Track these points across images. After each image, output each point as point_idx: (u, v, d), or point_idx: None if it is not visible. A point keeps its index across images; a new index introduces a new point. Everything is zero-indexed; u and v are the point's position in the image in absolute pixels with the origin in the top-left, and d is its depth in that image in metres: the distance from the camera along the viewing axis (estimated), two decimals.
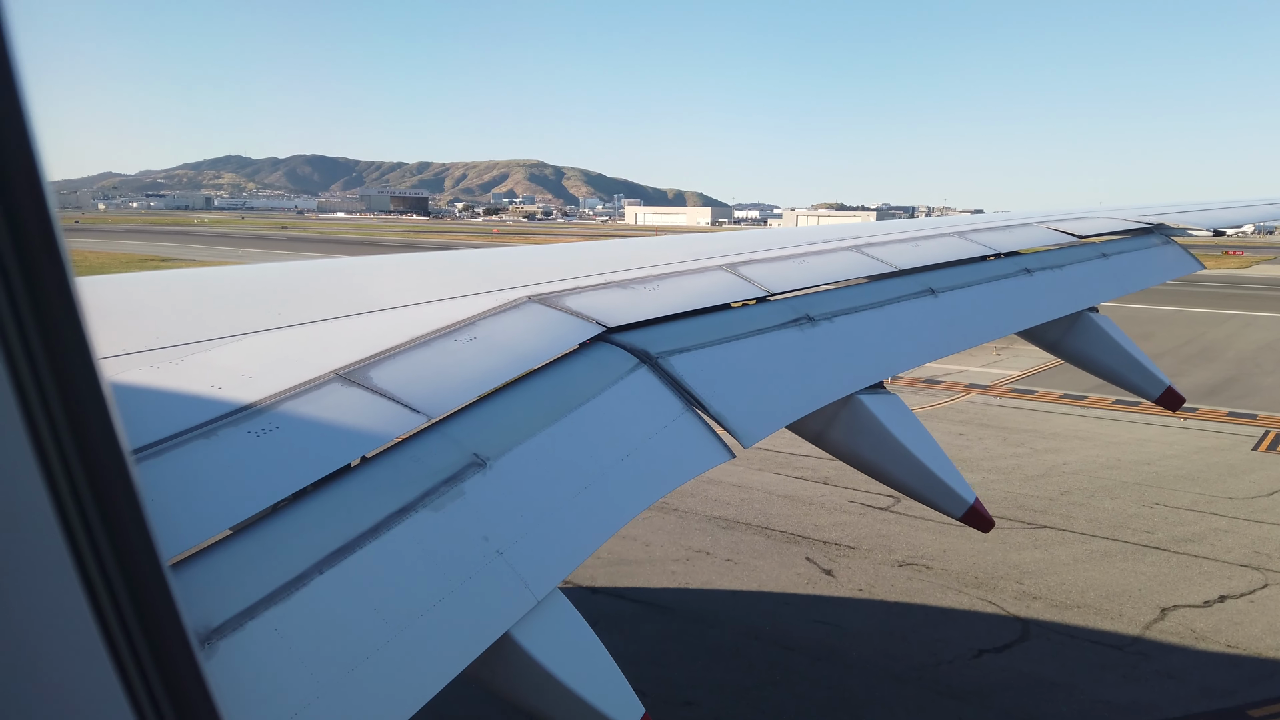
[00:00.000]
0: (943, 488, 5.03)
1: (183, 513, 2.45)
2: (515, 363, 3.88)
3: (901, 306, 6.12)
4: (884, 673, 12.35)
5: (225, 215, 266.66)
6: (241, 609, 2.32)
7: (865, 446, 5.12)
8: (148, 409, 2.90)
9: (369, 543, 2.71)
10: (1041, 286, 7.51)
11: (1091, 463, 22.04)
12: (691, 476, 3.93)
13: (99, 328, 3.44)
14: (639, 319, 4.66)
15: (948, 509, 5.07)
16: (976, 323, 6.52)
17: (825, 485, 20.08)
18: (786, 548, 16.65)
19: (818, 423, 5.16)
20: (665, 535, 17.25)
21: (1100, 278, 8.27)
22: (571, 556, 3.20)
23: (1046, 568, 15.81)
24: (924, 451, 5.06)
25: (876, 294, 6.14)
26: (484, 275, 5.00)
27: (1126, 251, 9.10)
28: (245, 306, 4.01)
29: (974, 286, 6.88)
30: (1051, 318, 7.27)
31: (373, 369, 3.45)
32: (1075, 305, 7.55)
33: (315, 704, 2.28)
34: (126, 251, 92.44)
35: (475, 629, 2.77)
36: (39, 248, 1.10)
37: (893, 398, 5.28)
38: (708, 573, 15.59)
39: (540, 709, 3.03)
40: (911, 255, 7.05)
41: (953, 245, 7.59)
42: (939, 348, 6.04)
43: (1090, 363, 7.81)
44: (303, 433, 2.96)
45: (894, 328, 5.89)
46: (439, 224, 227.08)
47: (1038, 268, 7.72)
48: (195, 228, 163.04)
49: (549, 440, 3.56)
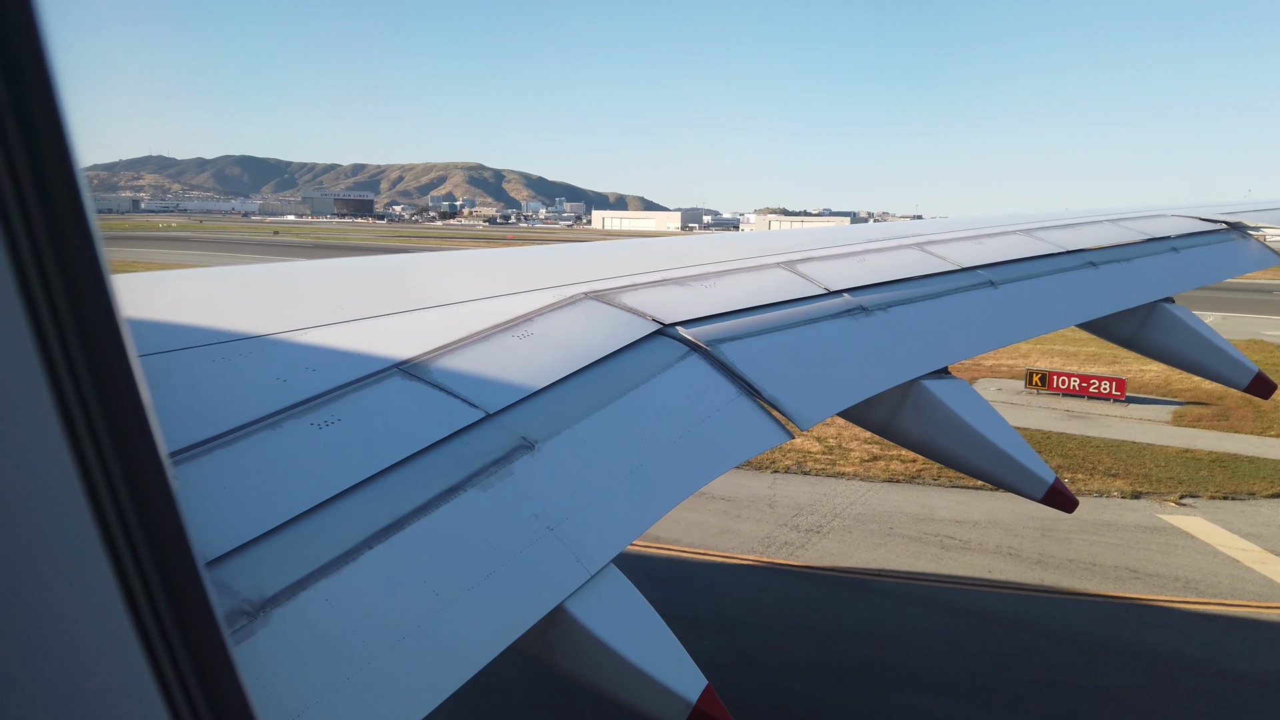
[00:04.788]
0: (1020, 469, 4.98)
1: (245, 505, 2.56)
2: (572, 359, 3.93)
3: (959, 297, 6.11)
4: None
5: (167, 219, 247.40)
6: (293, 581, 2.40)
7: (935, 432, 5.09)
8: (217, 400, 3.02)
9: (418, 520, 2.78)
10: (1107, 279, 7.41)
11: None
12: (749, 456, 3.96)
13: (167, 321, 3.62)
14: (696, 315, 4.69)
15: (1028, 491, 5.02)
16: (1037, 313, 6.46)
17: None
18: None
19: (882, 412, 5.17)
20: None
21: (1171, 270, 8.18)
22: (624, 532, 3.24)
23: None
24: (997, 433, 5.03)
25: (933, 287, 6.12)
26: (540, 271, 5.08)
27: (1200, 246, 8.92)
28: (309, 301, 4.10)
29: (1035, 279, 6.83)
30: (1118, 309, 7.19)
31: (432, 363, 3.54)
32: (1145, 296, 7.46)
33: (365, 670, 2.33)
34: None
35: (527, 601, 2.81)
36: (76, 248, 1.10)
37: (959, 381, 5.25)
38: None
39: (601, 683, 3.03)
40: (975, 253, 6.98)
41: (1018, 242, 7.54)
42: (998, 337, 6.02)
43: (1171, 355, 7.66)
44: (362, 426, 3.04)
45: (952, 317, 5.87)
46: (449, 229, 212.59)
47: (1103, 261, 7.62)
48: (163, 232, 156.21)
49: (598, 423, 3.62)
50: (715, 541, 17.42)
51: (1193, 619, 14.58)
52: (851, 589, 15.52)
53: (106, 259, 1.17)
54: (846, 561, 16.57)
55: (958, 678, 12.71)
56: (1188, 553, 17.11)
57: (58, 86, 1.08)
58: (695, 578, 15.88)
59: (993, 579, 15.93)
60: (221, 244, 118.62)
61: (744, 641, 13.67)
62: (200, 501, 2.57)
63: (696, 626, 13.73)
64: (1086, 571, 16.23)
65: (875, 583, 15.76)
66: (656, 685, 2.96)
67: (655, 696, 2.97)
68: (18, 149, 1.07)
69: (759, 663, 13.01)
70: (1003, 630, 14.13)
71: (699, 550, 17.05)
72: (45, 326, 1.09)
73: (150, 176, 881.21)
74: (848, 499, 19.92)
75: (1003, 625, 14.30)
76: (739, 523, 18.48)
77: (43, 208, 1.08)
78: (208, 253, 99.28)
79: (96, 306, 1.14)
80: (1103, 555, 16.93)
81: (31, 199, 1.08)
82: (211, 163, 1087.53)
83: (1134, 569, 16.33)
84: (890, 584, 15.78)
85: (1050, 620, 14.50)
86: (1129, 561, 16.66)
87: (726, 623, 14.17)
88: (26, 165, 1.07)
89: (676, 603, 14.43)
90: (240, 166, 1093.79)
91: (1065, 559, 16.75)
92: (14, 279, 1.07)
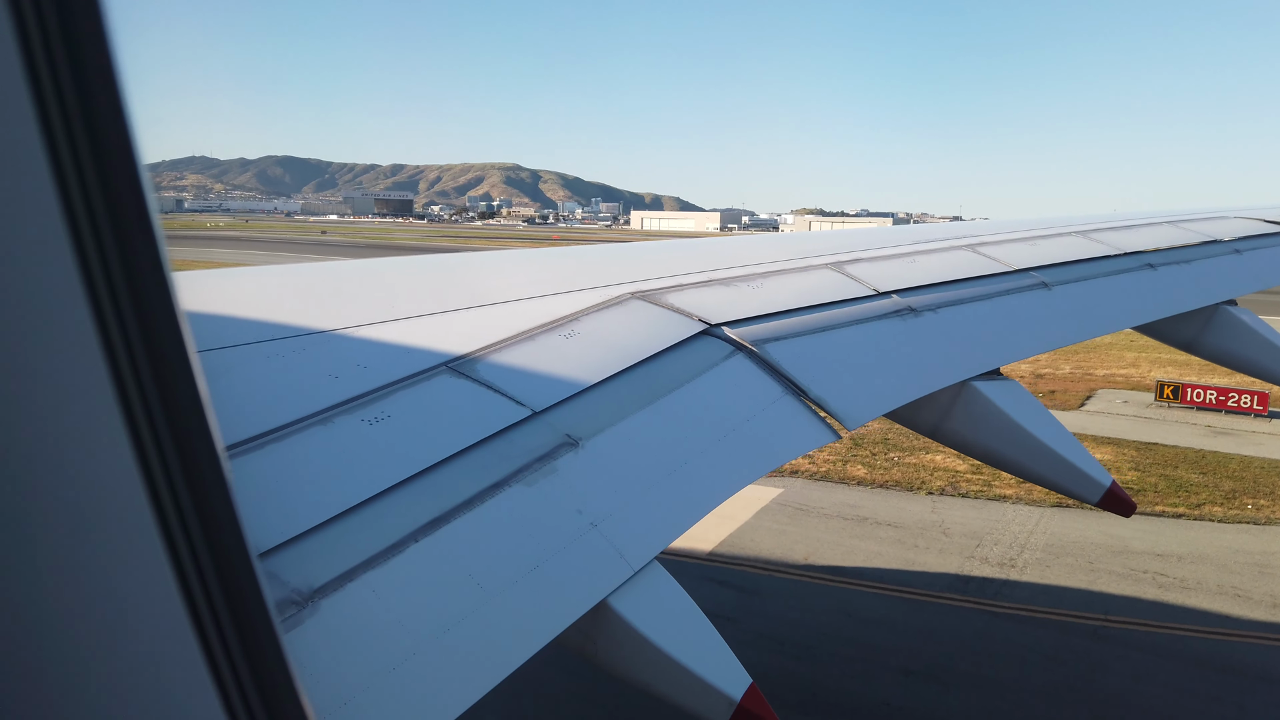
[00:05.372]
0: (1076, 473, 4.87)
1: (298, 499, 2.62)
2: (618, 358, 3.93)
3: (1011, 299, 6.02)
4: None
5: (215, 219, 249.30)
6: (341, 572, 2.45)
7: (987, 434, 5.00)
8: (272, 396, 3.09)
9: (463, 514, 2.82)
10: (1165, 281, 7.27)
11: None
12: (795, 456, 3.95)
13: (227, 316, 3.68)
14: (743, 316, 4.66)
15: (1083, 495, 4.92)
16: (1092, 315, 6.36)
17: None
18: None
19: (932, 414, 5.10)
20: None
21: (1233, 272, 7.99)
22: (668, 529, 3.23)
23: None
24: (1050, 436, 4.92)
25: (985, 288, 6.04)
26: (586, 272, 5.08)
27: (1264, 248, 8.70)
28: (360, 299, 4.15)
29: (1090, 281, 6.71)
30: (1177, 311, 7.02)
31: (480, 361, 3.58)
32: (1206, 299, 7.29)
33: (411, 660, 2.36)
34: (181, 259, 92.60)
35: (570, 596, 2.82)
36: (140, 248, 1.12)
37: (1011, 383, 5.14)
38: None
39: (644, 679, 3.02)
40: (1030, 254, 6.88)
41: (1074, 244, 7.42)
42: (1052, 338, 5.95)
43: (1233, 359, 7.48)
44: (411, 423, 3.09)
45: (1003, 318, 5.79)
46: (489, 229, 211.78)
47: (1161, 263, 7.48)
48: (212, 231, 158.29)
49: (642, 421, 3.62)
50: (908, 578, 15.85)
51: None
52: (1085, 636, 13.86)
53: (168, 258, 1.19)
54: (1063, 603, 14.93)
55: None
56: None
57: (124, 90, 1.09)
58: (907, 622, 14.34)
59: (1236, 629, 14.16)
60: (272, 243, 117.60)
61: (1014, 707, 11.98)
62: (256, 495, 2.62)
63: (942, 683, 12.33)
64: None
65: (1108, 629, 14.09)
66: (700, 682, 2.95)
67: (699, 693, 2.96)
68: (85, 150, 1.08)
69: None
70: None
71: (898, 588, 15.48)
72: (109, 324, 1.11)
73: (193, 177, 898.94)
74: (1024, 526, 18.25)
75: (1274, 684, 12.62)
76: (920, 554, 16.84)
77: (108, 209, 1.10)
78: (260, 252, 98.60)
79: (158, 305, 1.17)
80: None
81: (97, 199, 1.09)
82: (254, 163, 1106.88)
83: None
84: (1124, 631, 14.05)
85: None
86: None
87: (980, 680, 12.55)
88: (93, 166, 1.09)
89: (906, 651, 13.16)
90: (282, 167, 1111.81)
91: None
92: (81, 279, 1.09)
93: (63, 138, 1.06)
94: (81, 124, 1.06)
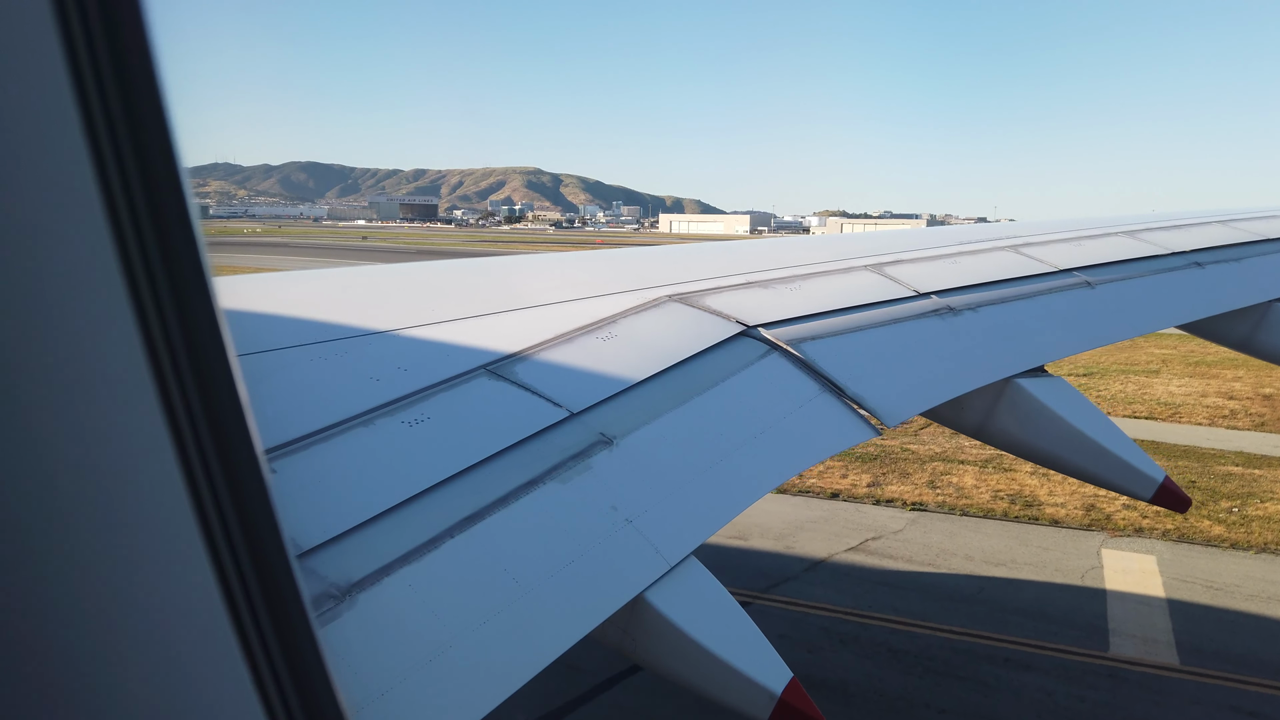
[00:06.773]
0: (1128, 469, 4.78)
1: (338, 500, 2.67)
2: (655, 360, 3.96)
3: (1053, 297, 5.97)
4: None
5: (251, 225, 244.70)
6: (378, 567, 2.50)
7: (1034, 432, 4.93)
8: (315, 398, 3.15)
9: (498, 511, 2.86)
10: (1213, 278, 7.10)
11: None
12: (832, 453, 3.94)
13: (271, 316, 3.77)
14: (780, 317, 4.67)
15: (1136, 491, 4.81)
16: (1137, 311, 6.28)
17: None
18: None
19: (976, 413, 5.05)
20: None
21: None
22: (705, 525, 3.25)
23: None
24: (1099, 432, 4.84)
25: (1026, 288, 5.99)
26: (624, 274, 5.10)
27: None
28: (400, 303, 4.22)
29: (1135, 279, 6.61)
30: (1226, 309, 6.86)
31: (518, 364, 3.62)
32: (1256, 296, 7.07)
33: (446, 653, 2.40)
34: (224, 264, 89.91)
35: (606, 590, 2.84)
36: (182, 253, 1.13)
37: (1056, 380, 5.07)
38: None
39: (683, 675, 3.02)
40: (1074, 254, 6.78)
41: (1120, 244, 7.30)
42: (1095, 337, 5.87)
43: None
44: (450, 425, 3.14)
45: (1045, 315, 5.73)
46: (518, 234, 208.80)
47: (1210, 262, 7.30)
48: (248, 238, 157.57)
49: (677, 419, 3.65)
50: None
51: None
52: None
53: (210, 263, 1.21)
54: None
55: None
56: None
57: (166, 94, 1.12)
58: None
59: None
60: (315, 249, 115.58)
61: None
62: (300, 495, 2.68)
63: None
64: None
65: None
66: (740, 677, 2.94)
67: (739, 688, 2.96)
68: (128, 153, 1.10)
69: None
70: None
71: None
72: (152, 328, 1.14)
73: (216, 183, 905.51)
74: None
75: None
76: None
77: (150, 212, 1.12)
78: (304, 258, 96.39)
79: (200, 309, 1.19)
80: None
81: (140, 202, 1.12)
82: (278, 169, 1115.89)
83: None
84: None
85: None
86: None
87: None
88: (136, 169, 1.11)
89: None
90: (306, 172, 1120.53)
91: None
92: (124, 283, 1.11)
93: (107, 145, 1.08)
94: (126, 131, 1.09)
